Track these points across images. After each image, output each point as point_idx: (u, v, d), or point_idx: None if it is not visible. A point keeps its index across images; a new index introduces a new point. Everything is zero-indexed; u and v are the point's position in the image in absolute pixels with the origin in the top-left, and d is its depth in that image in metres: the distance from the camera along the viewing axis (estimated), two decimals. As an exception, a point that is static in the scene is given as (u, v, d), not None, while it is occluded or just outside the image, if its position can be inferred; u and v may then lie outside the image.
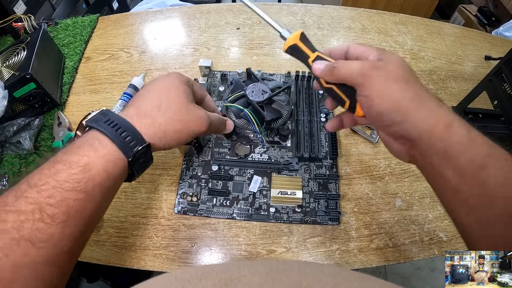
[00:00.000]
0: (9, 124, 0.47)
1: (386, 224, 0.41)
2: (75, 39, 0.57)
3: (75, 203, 0.22)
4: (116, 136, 0.24)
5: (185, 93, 0.29)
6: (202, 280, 0.18)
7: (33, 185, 0.22)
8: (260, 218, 0.38)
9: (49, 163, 0.23)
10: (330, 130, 0.30)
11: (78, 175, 0.22)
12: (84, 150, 0.24)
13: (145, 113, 0.27)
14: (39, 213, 0.21)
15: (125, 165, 0.25)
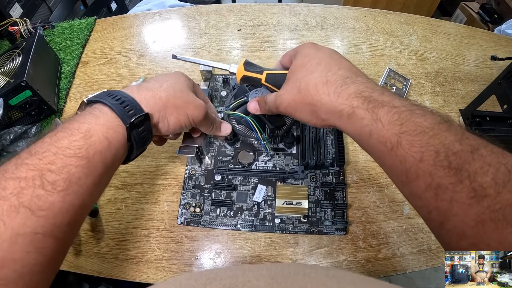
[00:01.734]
0: (5, 133, 0.46)
1: (394, 233, 0.40)
2: (72, 43, 0.56)
3: (77, 169, 0.22)
4: (116, 105, 0.25)
5: (186, 82, 0.31)
6: (206, 286, 0.17)
7: (34, 152, 0.21)
8: (265, 229, 0.37)
9: (50, 133, 0.23)
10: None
11: (79, 142, 0.22)
12: (85, 118, 0.24)
13: (147, 87, 0.28)
14: (40, 180, 0.20)
15: (124, 133, 0.25)
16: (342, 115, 0.24)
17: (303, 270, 0.20)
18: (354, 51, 0.54)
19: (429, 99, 0.50)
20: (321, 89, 0.25)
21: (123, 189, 0.42)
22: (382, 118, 0.22)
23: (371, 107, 0.22)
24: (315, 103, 0.25)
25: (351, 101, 0.23)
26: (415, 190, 0.21)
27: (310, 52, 0.29)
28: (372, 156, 0.24)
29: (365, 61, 0.53)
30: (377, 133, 0.22)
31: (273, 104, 0.29)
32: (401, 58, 0.54)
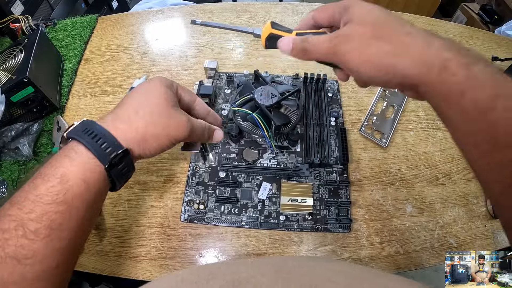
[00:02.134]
0: (7, 129, 0.45)
1: (397, 231, 0.40)
2: (74, 40, 0.55)
3: (57, 216, 0.22)
4: (92, 144, 0.24)
5: (165, 96, 0.28)
6: (209, 281, 0.17)
7: (15, 202, 0.22)
8: (270, 226, 0.37)
9: (29, 180, 0.23)
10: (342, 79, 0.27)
11: (56, 187, 0.22)
12: (61, 161, 0.23)
13: (122, 118, 0.26)
14: (22, 229, 0.21)
15: (103, 173, 0.24)
16: (432, 69, 0.19)
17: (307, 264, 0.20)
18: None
19: (432, 98, 0.50)
20: (405, 37, 0.21)
21: (126, 186, 0.41)
22: (478, 76, 0.19)
23: (464, 62, 0.19)
24: (398, 47, 0.20)
25: (442, 53, 0.19)
26: (501, 160, 0.18)
27: (373, 15, 0.22)
28: (451, 122, 0.21)
29: (368, 60, 0.53)
30: (471, 93, 0.18)
31: (326, 45, 0.23)
32: (404, 57, 0.54)
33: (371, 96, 0.49)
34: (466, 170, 0.44)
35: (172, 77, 0.50)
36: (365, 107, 0.48)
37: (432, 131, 0.47)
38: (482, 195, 0.43)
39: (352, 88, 0.49)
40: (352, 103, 0.48)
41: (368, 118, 0.46)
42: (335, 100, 0.46)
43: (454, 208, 0.42)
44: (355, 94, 0.49)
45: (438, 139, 0.46)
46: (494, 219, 0.42)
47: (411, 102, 0.49)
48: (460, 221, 0.41)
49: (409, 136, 0.46)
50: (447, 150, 0.46)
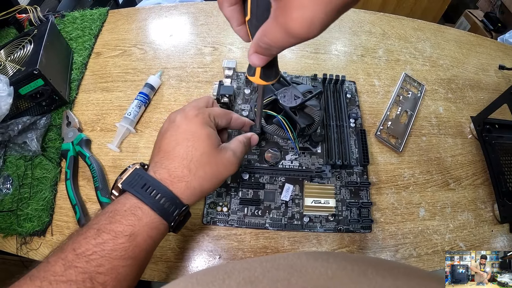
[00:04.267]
0: (13, 123, 0.43)
1: (410, 234, 0.41)
2: (83, 33, 0.53)
3: (124, 269, 0.23)
4: (156, 204, 0.25)
5: (209, 139, 0.28)
6: (225, 281, 0.17)
7: (81, 254, 0.22)
8: (294, 227, 0.37)
9: (92, 231, 0.24)
10: None
11: (125, 244, 0.24)
12: (128, 219, 0.25)
13: (178, 177, 0.27)
14: (90, 282, 0.22)
15: (166, 228, 0.27)
16: None
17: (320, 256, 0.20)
18: (372, 55, 0.55)
19: (442, 105, 0.51)
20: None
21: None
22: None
23: None
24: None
25: None
26: None
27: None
28: None
29: (382, 65, 0.54)
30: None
31: (284, 36, 0.17)
32: (416, 63, 0.55)
33: (386, 101, 0.49)
34: (475, 176, 0.46)
35: (187, 75, 0.49)
36: (380, 111, 0.48)
37: (443, 137, 0.48)
38: (489, 200, 0.44)
39: (367, 92, 0.50)
40: (367, 107, 0.48)
41: (383, 122, 0.47)
42: (353, 101, 0.47)
43: (464, 212, 0.43)
44: (371, 99, 0.49)
45: (449, 145, 0.47)
46: (500, 224, 0.43)
47: (423, 108, 0.50)
48: (469, 225, 0.42)
49: (422, 142, 0.47)
50: (457, 156, 0.47)
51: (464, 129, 0.50)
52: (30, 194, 0.40)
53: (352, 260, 0.19)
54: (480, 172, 0.46)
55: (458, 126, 0.50)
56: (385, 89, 0.51)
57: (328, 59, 0.53)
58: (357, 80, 0.51)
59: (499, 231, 0.43)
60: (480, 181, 0.46)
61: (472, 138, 0.49)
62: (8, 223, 0.37)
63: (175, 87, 0.48)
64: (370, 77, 0.52)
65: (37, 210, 0.39)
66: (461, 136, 0.49)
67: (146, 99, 0.45)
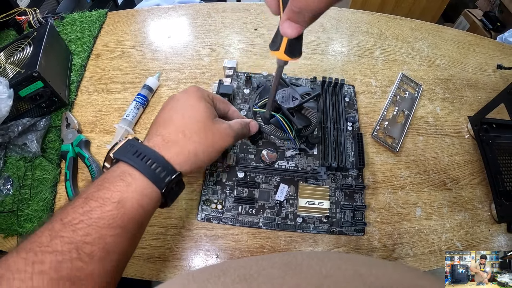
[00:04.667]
0: (13, 124, 0.44)
1: (407, 234, 0.41)
2: (82, 35, 0.54)
3: (112, 239, 0.22)
4: (147, 169, 0.24)
5: (206, 110, 0.29)
6: (221, 278, 0.17)
7: (67, 224, 0.22)
8: (287, 227, 0.37)
9: (80, 200, 0.23)
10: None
11: (113, 211, 0.22)
12: (116, 185, 0.24)
13: (171, 141, 0.26)
14: (76, 252, 0.21)
15: (158, 196, 0.25)
16: None
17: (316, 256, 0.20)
18: (369, 55, 0.55)
19: (440, 105, 0.51)
20: None
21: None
22: None
23: None
24: None
25: None
26: None
27: None
28: None
29: (379, 65, 0.54)
30: None
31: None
32: (413, 64, 0.55)
33: (383, 101, 0.49)
34: (472, 176, 0.46)
35: (185, 76, 0.50)
36: (377, 111, 0.48)
37: (440, 137, 0.48)
38: (486, 200, 0.44)
39: (364, 92, 0.50)
40: (364, 108, 0.48)
41: (380, 122, 0.47)
42: (352, 105, 0.47)
43: (461, 212, 0.43)
44: (367, 99, 0.49)
45: (446, 144, 0.48)
46: (498, 224, 0.43)
47: (420, 108, 0.50)
48: (466, 225, 0.42)
49: (419, 142, 0.47)
50: (454, 156, 0.47)
51: (461, 129, 0.50)
52: (31, 195, 0.41)
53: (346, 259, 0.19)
54: (477, 171, 0.46)
55: (456, 126, 0.50)
56: (382, 89, 0.51)
57: (326, 60, 0.53)
58: (354, 80, 0.51)
59: (497, 230, 0.43)
60: (477, 181, 0.46)
61: (469, 138, 0.49)
62: (8, 224, 0.38)
63: (173, 89, 0.49)
64: (367, 77, 0.52)
65: (37, 211, 0.39)
66: (458, 136, 0.49)
67: (144, 101, 0.46)
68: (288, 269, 0.18)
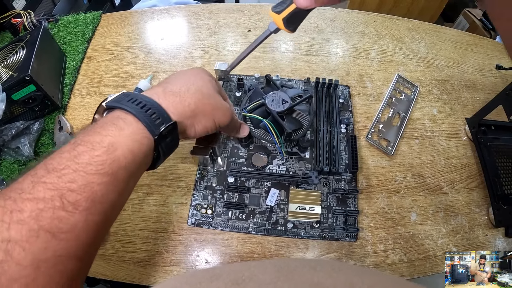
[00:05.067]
0: (7, 128, 0.44)
1: (401, 239, 0.40)
2: (77, 37, 0.54)
3: (99, 187, 0.20)
4: (141, 113, 0.23)
5: (212, 83, 0.29)
6: (213, 281, 0.17)
7: (52, 169, 0.19)
8: (277, 233, 0.37)
9: (69, 146, 0.21)
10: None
11: (102, 157, 0.20)
12: (108, 129, 0.22)
13: (173, 91, 0.26)
14: (60, 200, 0.18)
15: (151, 145, 0.23)
16: None
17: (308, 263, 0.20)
18: (364, 56, 0.54)
19: (437, 107, 0.50)
20: None
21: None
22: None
23: None
24: None
25: None
26: None
27: None
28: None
29: (374, 66, 0.53)
30: None
31: None
32: (410, 64, 0.54)
33: (378, 103, 0.49)
34: (469, 179, 0.45)
35: (177, 79, 0.50)
36: (372, 114, 0.48)
37: (437, 139, 0.47)
38: (484, 204, 0.43)
39: (359, 94, 0.49)
40: (359, 110, 0.48)
41: (374, 125, 0.46)
42: (346, 106, 0.46)
43: (457, 216, 0.42)
44: (362, 101, 0.49)
45: (443, 147, 0.47)
46: (495, 228, 0.42)
47: (417, 110, 0.49)
48: (462, 229, 0.41)
49: (415, 144, 0.46)
50: (451, 158, 0.46)
51: (458, 131, 0.49)
52: (23, 198, 0.41)
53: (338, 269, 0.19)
54: (475, 175, 0.45)
55: (453, 128, 0.49)
56: (377, 91, 0.50)
57: (320, 61, 0.53)
58: (348, 82, 0.50)
59: (494, 235, 0.42)
60: (475, 184, 0.45)
61: (467, 140, 0.48)
62: (0, 227, 0.38)
63: (165, 91, 0.48)
64: (362, 79, 0.51)
65: (29, 214, 0.39)
66: (456, 138, 0.48)
67: (136, 104, 0.45)
68: (280, 275, 0.18)
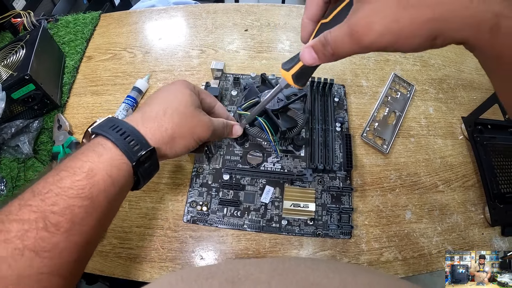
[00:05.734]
0: (6, 126, 0.45)
1: (396, 237, 0.40)
2: (76, 37, 0.55)
3: (80, 210, 0.21)
4: (120, 140, 0.24)
5: (190, 97, 0.29)
6: (208, 279, 0.17)
7: (37, 193, 0.21)
8: (271, 230, 0.37)
9: (53, 171, 0.23)
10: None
11: (82, 182, 0.22)
12: (88, 155, 0.23)
13: (150, 117, 0.27)
14: (43, 222, 0.20)
15: (129, 170, 0.25)
16: (481, 28, 0.16)
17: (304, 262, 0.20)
18: (360, 55, 0.54)
19: (433, 106, 0.50)
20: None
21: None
22: None
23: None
24: (441, 16, 0.16)
25: (492, 6, 0.16)
26: None
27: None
28: (501, 81, 0.19)
29: (370, 65, 0.53)
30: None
31: (348, 39, 0.19)
32: (406, 63, 0.54)
33: (374, 102, 0.49)
34: (465, 178, 0.45)
35: (174, 78, 0.50)
36: (367, 112, 0.48)
37: (432, 138, 0.47)
38: (480, 203, 0.43)
39: (354, 93, 0.50)
40: (354, 108, 0.48)
41: (370, 123, 0.46)
42: (341, 105, 0.47)
43: (453, 215, 0.42)
44: (358, 99, 0.49)
45: (439, 146, 0.47)
46: (491, 227, 0.42)
47: (412, 109, 0.50)
48: (458, 228, 0.42)
49: (410, 143, 0.47)
50: (447, 157, 0.46)
51: (455, 130, 0.49)
52: (22, 195, 0.42)
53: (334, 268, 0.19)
54: (471, 173, 0.45)
55: (449, 126, 0.49)
56: (373, 90, 0.50)
57: (316, 60, 0.53)
58: (344, 81, 0.50)
59: (490, 234, 0.42)
60: (471, 183, 0.45)
61: (463, 139, 0.48)
62: None
63: (162, 90, 0.49)
64: (357, 77, 0.51)
65: (28, 211, 0.40)
66: (452, 137, 0.48)
67: (133, 103, 0.46)
68: (276, 274, 0.18)
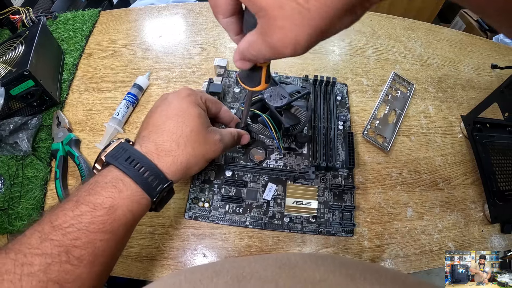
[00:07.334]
0: (4, 123, 0.44)
1: (397, 234, 0.40)
2: (75, 34, 0.54)
3: (101, 243, 0.22)
4: (139, 177, 0.25)
5: (199, 119, 0.29)
6: (213, 279, 0.17)
7: (57, 227, 0.22)
8: (274, 227, 0.37)
9: (71, 203, 0.23)
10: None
11: (104, 217, 0.23)
12: (108, 191, 0.24)
13: (165, 151, 0.27)
14: (66, 256, 0.21)
15: (148, 204, 0.26)
16: None
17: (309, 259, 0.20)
18: (361, 54, 0.54)
19: (432, 105, 0.51)
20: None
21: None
22: None
23: None
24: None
25: None
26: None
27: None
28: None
29: (371, 64, 0.53)
30: None
31: (269, 53, 0.18)
32: (406, 63, 0.55)
33: (374, 100, 0.49)
34: (465, 176, 0.45)
35: (175, 75, 0.50)
36: (368, 111, 0.48)
37: (432, 136, 0.48)
38: (479, 200, 0.44)
39: (355, 91, 0.50)
40: (355, 107, 0.48)
41: (371, 122, 0.47)
42: (344, 104, 0.47)
43: (453, 212, 0.43)
44: (359, 98, 0.49)
45: (439, 144, 0.47)
46: (491, 224, 0.43)
47: (412, 107, 0.50)
48: (458, 225, 0.42)
49: (410, 141, 0.47)
50: (447, 155, 0.46)
51: (454, 129, 0.49)
52: (21, 193, 0.41)
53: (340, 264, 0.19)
54: (471, 171, 0.46)
55: (448, 125, 0.49)
56: (373, 88, 0.50)
57: (317, 59, 0.53)
58: (345, 79, 0.51)
59: (490, 231, 0.42)
60: (470, 181, 0.45)
61: (462, 137, 0.49)
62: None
63: (163, 88, 0.49)
64: (358, 76, 0.52)
65: (28, 209, 0.39)
66: (451, 135, 0.49)
67: (134, 100, 0.46)
68: (282, 272, 0.18)
